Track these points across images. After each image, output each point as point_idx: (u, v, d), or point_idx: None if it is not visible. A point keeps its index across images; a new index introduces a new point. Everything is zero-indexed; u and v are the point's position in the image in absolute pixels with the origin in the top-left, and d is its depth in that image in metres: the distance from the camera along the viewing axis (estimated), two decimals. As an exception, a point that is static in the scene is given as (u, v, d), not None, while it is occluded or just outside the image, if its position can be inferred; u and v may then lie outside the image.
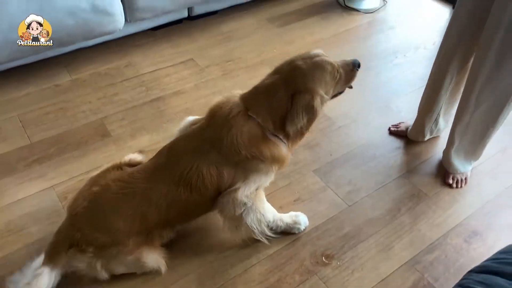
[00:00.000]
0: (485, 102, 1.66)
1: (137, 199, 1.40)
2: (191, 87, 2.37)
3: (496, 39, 1.50)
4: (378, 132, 2.16)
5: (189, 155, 1.41)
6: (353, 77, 1.50)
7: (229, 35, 2.78)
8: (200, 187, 1.40)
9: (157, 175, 1.42)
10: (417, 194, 1.87)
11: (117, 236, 1.39)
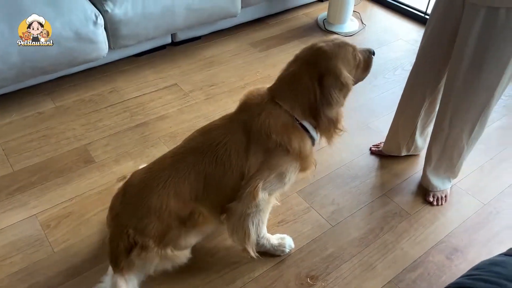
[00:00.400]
0: (460, 122, 1.71)
1: (165, 172, 1.38)
2: (175, 111, 2.40)
3: (465, 59, 1.57)
4: (360, 152, 2.20)
5: (220, 132, 1.41)
6: (370, 64, 1.47)
7: (212, 60, 2.83)
8: (224, 161, 1.37)
9: (186, 147, 1.44)
10: (399, 213, 1.91)
11: (161, 217, 1.36)
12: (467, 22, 1.51)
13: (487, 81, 1.58)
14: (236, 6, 2.82)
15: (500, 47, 1.49)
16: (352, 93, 1.52)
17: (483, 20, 1.46)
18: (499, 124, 2.40)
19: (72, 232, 1.77)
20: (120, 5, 2.36)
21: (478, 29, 1.49)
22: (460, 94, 1.64)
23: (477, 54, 1.53)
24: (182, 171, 1.38)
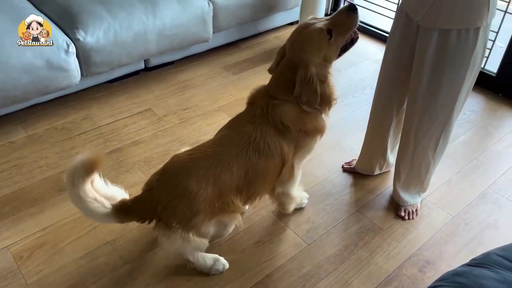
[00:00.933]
0: (424, 138, 1.79)
1: (208, 161, 1.47)
2: (150, 136, 2.42)
3: (423, 80, 1.65)
4: (333, 170, 2.26)
5: (250, 127, 1.54)
6: (352, 22, 1.48)
7: (185, 84, 2.87)
8: (267, 152, 1.52)
9: (225, 141, 1.55)
10: (372, 228, 1.95)
11: (194, 201, 1.43)
12: (422, 45, 1.60)
13: (445, 99, 1.66)
14: (207, 32, 2.88)
15: (454, 67, 1.58)
16: None
17: (436, 42, 1.55)
18: (464, 139, 2.50)
19: (45, 262, 1.74)
20: (92, 33, 2.38)
21: (433, 51, 1.57)
22: (421, 112, 1.72)
23: (433, 75, 1.62)
24: (225, 162, 1.48)
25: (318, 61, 1.50)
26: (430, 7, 1.52)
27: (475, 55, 1.56)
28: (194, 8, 2.74)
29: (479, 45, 1.54)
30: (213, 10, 2.86)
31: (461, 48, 1.53)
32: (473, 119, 2.66)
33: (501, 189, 2.17)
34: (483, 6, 1.46)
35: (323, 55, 1.50)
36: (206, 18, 2.82)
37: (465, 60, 1.56)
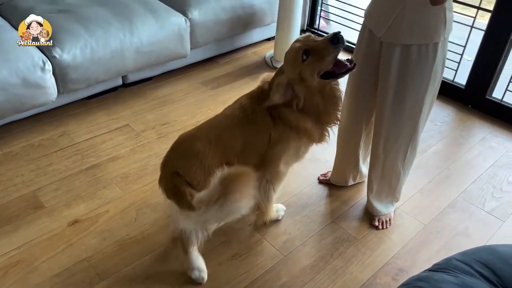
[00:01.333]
0: (392, 149, 1.85)
1: (211, 129, 1.65)
2: (127, 151, 2.43)
3: (389, 93, 1.72)
4: (309, 182, 2.30)
5: (249, 102, 1.69)
6: (331, 51, 1.49)
7: (164, 100, 2.90)
8: (263, 129, 1.67)
9: (226, 114, 1.71)
10: (347, 238, 1.99)
11: (203, 160, 1.56)
12: (386, 59, 1.68)
13: (411, 111, 1.73)
14: (185, 48, 2.93)
15: (417, 80, 1.65)
16: None
17: (399, 57, 1.63)
18: (435, 149, 2.58)
19: (20, 281, 1.73)
20: (68, 50, 2.40)
21: (396, 65, 1.65)
22: (388, 125, 1.79)
23: (398, 88, 1.69)
24: (227, 128, 1.66)
25: (293, 77, 1.57)
26: (391, 24, 1.59)
27: (435, 68, 1.64)
28: (171, 25, 2.79)
29: (439, 59, 1.63)
30: (190, 27, 2.91)
31: (422, 62, 1.61)
32: (444, 130, 2.75)
33: (471, 197, 2.25)
34: (440, 23, 1.55)
35: (298, 72, 1.56)
36: (183, 34, 2.86)
37: (426, 73, 1.64)
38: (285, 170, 1.81)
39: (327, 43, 1.50)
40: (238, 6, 3.14)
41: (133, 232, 1.96)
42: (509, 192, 2.28)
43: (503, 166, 2.45)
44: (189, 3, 2.95)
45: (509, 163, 2.48)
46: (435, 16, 1.54)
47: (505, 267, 1.03)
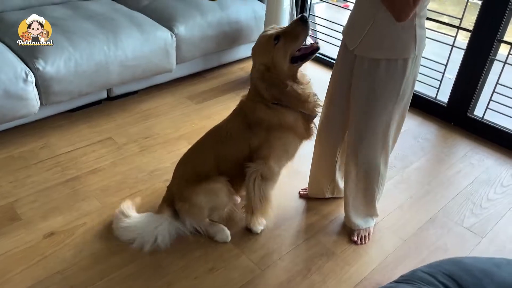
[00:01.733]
0: (364, 163, 1.87)
1: (191, 152, 1.98)
2: (108, 164, 2.42)
3: (359, 107, 1.75)
4: (290, 196, 2.30)
5: (226, 122, 1.92)
6: (301, 30, 1.67)
7: (148, 113, 2.91)
8: (232, 141, 1.85)
9: (207, 136, 1.96)
10: (326, 253, 1.99)
11: (180, 180, 1.93)
12: (357, 72, 1.72)
13: (380, 126, 1.76)
14: (170, 62, 2.96)
15: (385, 95, 1.68)
16: None
17: (368, 70, 1.67)
18: (417, 165, 2.61)
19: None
20: (52, 63, 2.42)
21: (365, 79, 1.68)
22: (359, 139, 1.81)
23: (367, 102, 1.72)
24: (201, 152, 1.95)
25: (265, 62, 1.72)
26: (362, 39, 1.64)
27: (405, 84, 1.67)
28: (157, 40, 2.82)
29: (408, 75, 1.66)
30: (176, 42, 2.94)
31: (390, 77, 1.65)
32: (426, 147, 2.78)
33: (451, 213, 2.26)
34: (410, 39, 1.59)
35: (270, 57, 1.71)
36: (169, 49, 2.90)
37: (394, 88, 1.67)
38: (277, 168, 1.89)
39: (297, 23, 1.68)
40: (224, 22, 3.19)
41: (110, 245, 1.94)
42: (488, 209, 2.30)
43: (483, 183, 2.48)
44: (175, 18, 2.99)
45: (489, 180, 2.51)
46: (405, 32, 1.57)
47: (468, 279, 1.04)
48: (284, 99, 1.75)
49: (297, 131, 1.82)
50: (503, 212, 2.29)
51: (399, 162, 2.60)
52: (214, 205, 1.91)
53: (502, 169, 2.61)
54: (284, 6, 3.16)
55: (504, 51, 2.80)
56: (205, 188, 1.86)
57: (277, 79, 1.73)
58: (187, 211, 1.91)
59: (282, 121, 1.77)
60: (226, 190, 1.88)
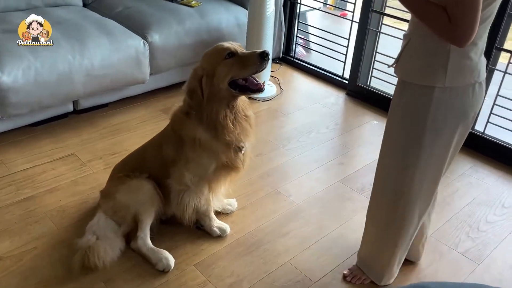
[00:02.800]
0: (374, 210, 1.83)
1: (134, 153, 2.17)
2: (68, 183, 2.38)
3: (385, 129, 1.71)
4: (266, 218, 2.25)
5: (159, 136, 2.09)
6: (253, 64, 1.75)
7: (118, 128, 2.88)
8: (152, 148, 2.06)
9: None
10: (302, 281, 1.93)
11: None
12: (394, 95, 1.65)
13: (396, 166, 1.68)
14: (143, 73, 2.95)
15: (405, 124, 1.60)
16: (264, 157, 1.73)
17: (397, 94, 1.59)
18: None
19: None
20: (9, 72, 2.40)
21: (394, 103, 1.63)
22: (377, 170, 1.79)
23: (387, 128, 1.68)
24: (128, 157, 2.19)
25: (208, 69, 1.78)
26: (399, 57, 1.56)
27: (433, 119, 1.51)
28: (127, 48, 2.82)
29: (437, 108, 1.49)
30: (149, 51, 2.94)
31: (413, 105, 1.53)
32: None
33: (444, 237, 2.20)
34: (438, 66, 1.45)
35: (214, 67, 1.78)
36: (141, 58, 2.89)
37: (416, 118, 1.54)
38: (190, 180, 1.94)
39: (255, 55, 1.75)
40: (203, 30, 3.19)
41: (60, 271, 1.88)
42: (486, 232, 2.24)
43: (482, 204, 2.42)
44: (150, 26, 2.99)
45: (489, 201, 2.45)
46: (434, 56, 1.45)
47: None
48: (203, 115, 1.81)
49: (212, 151, 1.88)
50: (502, 235, 2.23)
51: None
52: (137, 205, 1.95)
53: (504, 188, 2.56)
54: (268, 13, 3.16)
55: (504, 60, 2.78)
56: (128, 184, 1.97)
57: (210, 91, 1.79)
58: (110, 208, 1.99)
59: (190, 134, 1.86)
60: (149, 189, 1.97)
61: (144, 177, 2.01)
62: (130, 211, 1.97)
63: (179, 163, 1.94)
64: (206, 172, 1.94)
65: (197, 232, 2.13)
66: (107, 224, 2.00)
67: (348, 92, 3.48)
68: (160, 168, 2.01)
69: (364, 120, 3.18)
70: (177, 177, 1.96)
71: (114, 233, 1.99)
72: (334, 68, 3.67)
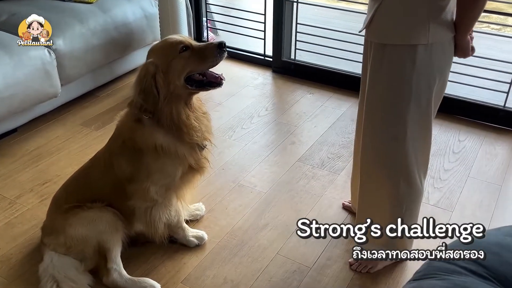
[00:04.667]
0: (373, 176, 1.85)
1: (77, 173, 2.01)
2: (2, 227, 2.16)
3: (366, 95, 1.76)
4: (239, 215, 2.25)
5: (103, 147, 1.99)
6: (211, 55, 1.70)
7: (38, 153, 2.66)
8: (100, 166, 1.91)
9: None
10: (299, 269, 1.97)
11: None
12: (367, 61, 1.71)
13: (390, 128, 1.72)
14: (54, 85, 2.74)
15: (390, 90, 1.65)
16: (214, 152, 1.64)
17: (374, 58, 1.64)
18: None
19: None
20: None
21: (371, 69, 1.68)
22: (367, 142, 1.81)
23: (372, 96, 1.71)
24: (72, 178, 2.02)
25: (162, 65, 1.69)
26: (371, 20, 1.60)
27: (416, 80, 1.58)
28: (31, 60, 2.59)
29: (420, 68, 1.56)
30: (56, 59, 2.73)
31: (394, 68, 1.59)
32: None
33: (414, 193, 2.38)
34: (419, 23, 1.51)
35: (168, 62, 1.69)
36: (49, 69, 2.68)
37: (401, 82, 1.60)
38: (162, 193, 1.86)
39: (213, 47, 1.71)
40: (110, 27, 3.04)
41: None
42: (448, 180, 2.47)
43: (435, 154, 2.65)
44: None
45: (440, 150, 2.69)
46: (415, 14, 1.51)
47: (490, 257, 1.07)
48: (162, 116, 1.73)
49: (177, 156, 1.81)
50: (463, 180, 2.47)
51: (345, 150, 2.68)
52: (98, 234, 1.83)
53: (449, 135, 2.82)
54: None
55: None
56: (81, 216, 1.83)
57: (166, 90, 1.71)
58: (62, 245, 1.84)
59: (146, 141, 1.77)
60: (109, 215, 1.86)
61: (99, 206, 1.87)
62: (90, 244, 1.83)
63: (139, 178, 1.82)
64: (174, 180, 1.86)
65: (173, 246, 2.07)
66: (63, 262, 1.84)
67: (274, 69, 3.55)
68: (113, 190, 1.88)
69: (299, 95, 3.27)
70: (140, 195, 1.84)
71: (76, 270, 1.85)
72: (255, 47, 3.72)
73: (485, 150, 2.69)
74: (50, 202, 1.99)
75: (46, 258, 1.85)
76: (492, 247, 1.10)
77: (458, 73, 2.84)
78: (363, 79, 1.85)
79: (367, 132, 1.78)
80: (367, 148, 1.81)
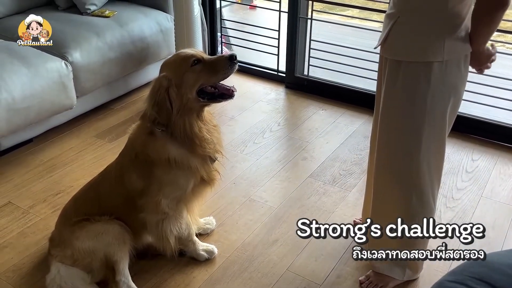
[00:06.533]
0: (385, 190, 1.84)
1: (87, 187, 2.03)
2: (15, 237, 2.19)
3: (380, 110, 1.76)
4: (250, 230, 2.25)
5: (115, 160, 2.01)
6: (223, 68, 1.73)
7: (52, 164, 2.70)
8: (112, 180, 1.91)
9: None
10: (308, 286, 1.96)
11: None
12: (383, 77, 1.70)
13: (403, 144, 1.72)
14: (70, 97, 2.78)
15: (404, 106, 1.66)
16: (226, 166, 1.65)
17: (388, 74, 1.64)
18: (377, 167, 2.70)
19: None
20: None
21: (386, 84, 1.69)
22: (379, 155, 1.81)
23: (386, 112, 1.72)
24: (83, 191, 2.03)
25: (175, 79, 1.72)
26: (386, 36, 1.61)
27: (431, 98, 1.59)
28: (49, 73, 2.64)
29: (436, 84, 1.57)
30: (73, 72, 2.78)
31: (409, 84, 1.60)
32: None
33: (426, 211, 2.36)
34: (435, 40, 1.52)
35: (181, 76, 1.73)
36: (65, 82, 2.73)
37: (415, 99, 1.61)
38: (173, 206, 1.87)
39: (224, 60, 1.75)
40: (127, 41, 3.09)
41: None
42: (460, 200, 2.45)
43: (448, 173, 2.64)
44: (66, 44, 2.84)
45: (453, 169, 2.68)
46: (431, 31, 1.52)
47: (502, 278, 1.07)
48: (175, 129, 1.76)
49: (189, 168, 1.83)
50: (475, 200, 2.45)
51: (357, 168, 2.68)
52: (105, 247, 1.83)
53: (462, 154, 2.81)
54: (195, 14, 3.14)
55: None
56: (89, 229, 1.85)
57: (179, 103, 1.73)
58: (69, 257, 1.84)
59: (160, 155, 1.79)
60: (116, 228, 1.87)
61: (106, 219, 1.88)
62: (96, 256, 1.83)
63: (151, 191, 1.84)
64: (185, 192, 1.88)
65: (182, 260, 2.07)
66: (70, 273, 1.85)
67: (287, 85, 3.58)
68: (123, 203, 1.90)
69: (311, 111, 3.29)
70: (151, 208, 1.85)
71: (83, 281, 1.86)
72: (268, 63, 3.75)
73: (499, 170, 2.67)
74: (60, 214, 2.01)
75: (53, 269, 1.86)
76: (505, 269, 1.10)
77: (473, 92, 2.84)
78: (377, 96, 1.86)
79: (381, 148, 1.79)
80: (380, 163, 1.81)
